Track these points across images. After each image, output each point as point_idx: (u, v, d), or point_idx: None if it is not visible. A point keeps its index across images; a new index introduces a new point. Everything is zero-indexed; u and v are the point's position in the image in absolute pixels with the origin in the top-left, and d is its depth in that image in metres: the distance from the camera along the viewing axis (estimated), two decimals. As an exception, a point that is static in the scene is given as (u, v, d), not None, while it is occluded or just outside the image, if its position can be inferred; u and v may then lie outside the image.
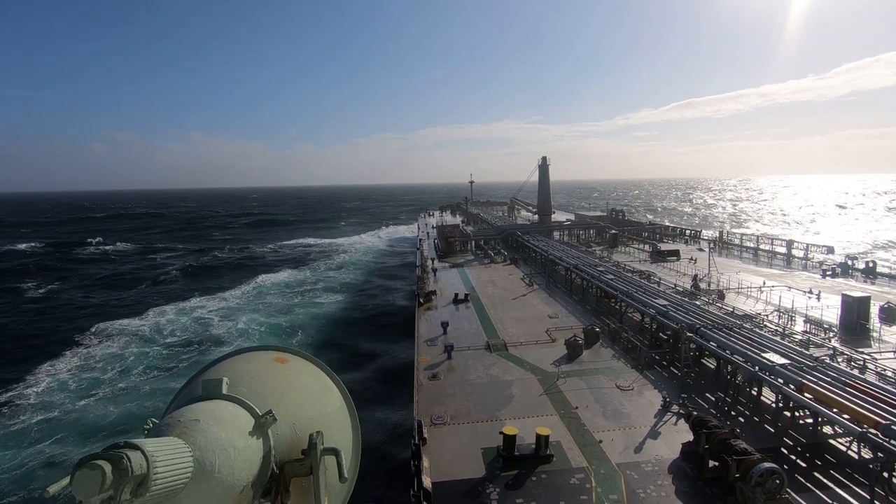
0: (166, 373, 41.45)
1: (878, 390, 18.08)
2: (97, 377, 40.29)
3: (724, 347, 23.66)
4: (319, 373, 4.25)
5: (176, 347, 47.46)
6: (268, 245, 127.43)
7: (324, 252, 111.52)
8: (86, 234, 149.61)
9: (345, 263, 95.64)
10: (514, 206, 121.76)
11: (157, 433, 2.87)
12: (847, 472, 16.94)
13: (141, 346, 47.41)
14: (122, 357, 44.49)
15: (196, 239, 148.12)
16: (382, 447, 29.44)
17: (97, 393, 37.39)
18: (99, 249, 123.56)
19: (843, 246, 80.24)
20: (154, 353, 45.86)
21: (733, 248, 60.88)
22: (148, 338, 50.15)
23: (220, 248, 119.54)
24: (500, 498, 16.13)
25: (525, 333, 32.21)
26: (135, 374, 41.09)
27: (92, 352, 46.51)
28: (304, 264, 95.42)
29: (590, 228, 78.36)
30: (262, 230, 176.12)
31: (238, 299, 66.90)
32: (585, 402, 22.57)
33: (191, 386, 3.77)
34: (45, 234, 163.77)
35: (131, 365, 42.72)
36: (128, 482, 2.26)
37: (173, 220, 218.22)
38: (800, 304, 33.75)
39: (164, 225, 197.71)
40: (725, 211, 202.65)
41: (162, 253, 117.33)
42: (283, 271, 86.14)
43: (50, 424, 32.80)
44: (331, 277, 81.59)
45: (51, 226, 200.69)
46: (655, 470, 17.30)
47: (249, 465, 3.04)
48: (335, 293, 70.13)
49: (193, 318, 57.22)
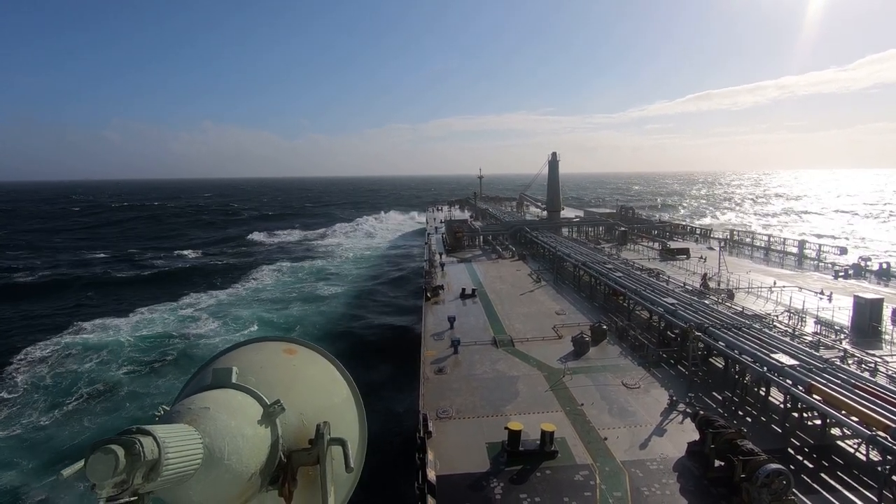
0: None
1: (888, 393, 17.86)
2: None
3: (733, 347, 23.48)
4: (327, 364, 4.30)
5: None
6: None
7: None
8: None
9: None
10: (524, 202, 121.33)
11: (168, 420, 2.93)
12: (855, 475, 16.79)
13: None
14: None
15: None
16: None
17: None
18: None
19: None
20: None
21: (744, 247, 60.25)
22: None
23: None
24: (503, 493, 16.21)
25: (532, 329, 32.19)
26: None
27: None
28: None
29: (599, 225, 77.85)
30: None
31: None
32: (591, 399, 22.55)
33: (201, 375, 3.83)
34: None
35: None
36: (140, 467, 2.31)
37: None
38: (811, 305, 33.37)
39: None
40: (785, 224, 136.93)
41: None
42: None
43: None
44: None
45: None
46: (660, 468, 17.27)
47: (258, 454, 3.10)
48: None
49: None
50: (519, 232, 71.46)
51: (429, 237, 72.47)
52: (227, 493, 2.99)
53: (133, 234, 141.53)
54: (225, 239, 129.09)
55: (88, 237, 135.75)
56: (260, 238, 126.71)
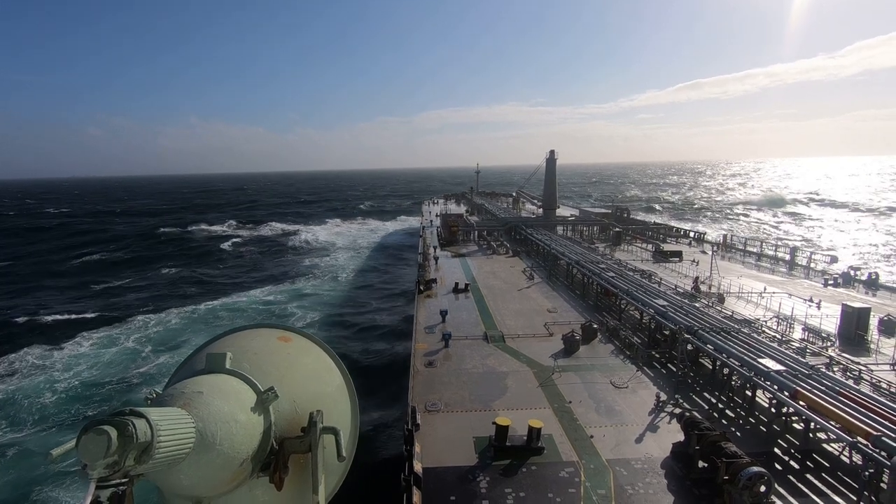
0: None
1: (871, 401, 18.15)
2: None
3: (721, 351, 23.70)
4: (321, 353, 4.31)
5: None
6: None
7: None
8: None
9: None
10: (520, 199, 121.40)
11: (160, 403, 2.93)
12: (838, 477, 17.10)
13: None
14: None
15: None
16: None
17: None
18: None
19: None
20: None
21: (737, 252, 60.70)
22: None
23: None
24: (489, 486, 16.34)
25: (523, 326, 32.31)
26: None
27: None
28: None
29: (594, 225, 78.11)
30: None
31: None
32: (579, 397, 22.72)
33: (195, 359, 3.82)
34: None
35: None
36: (132, 448, 2.31)
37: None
38: (799, 312, 33.73)
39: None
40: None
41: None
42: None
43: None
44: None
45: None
46: (645, 468, 17.47)
47: (250, 439, 3.10)
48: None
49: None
50: (514, 229, 71.57)
51: (423, 230, 72.40)
52: (218, 478, 3.00)
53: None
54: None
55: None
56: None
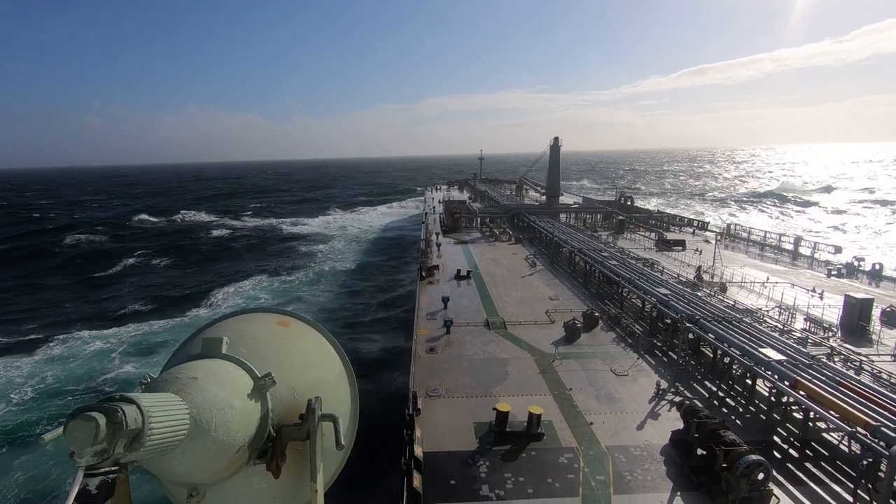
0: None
1: (870, 392, 18.13)
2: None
3: (722, 340, 23.68)
4: (321, 338, 4.24)
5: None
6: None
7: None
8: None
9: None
10: (523, 186, 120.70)
11: (154, 389, 2.86)
12: (836, 466, 17.18)
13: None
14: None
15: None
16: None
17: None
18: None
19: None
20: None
21: (740, 241, 60.40)
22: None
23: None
24: (489, 471, 16.47)
25: (525, 313, 32.33)
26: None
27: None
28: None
29: (597, 213, 77.74)
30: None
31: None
32: (580, 384, 22.79)
33: (190, 343, 3.76)
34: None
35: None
36: (122, 436, 2.24)
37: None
38: (802, 302, 33.61)
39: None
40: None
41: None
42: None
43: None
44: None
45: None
46: (644, 454, 17.57)
47: (246, 426, 3.05)
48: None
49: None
50: (517, 216, 71.27)
51: (426, 217, 72.18)
52: (214, 466, 2.95)
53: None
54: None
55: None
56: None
